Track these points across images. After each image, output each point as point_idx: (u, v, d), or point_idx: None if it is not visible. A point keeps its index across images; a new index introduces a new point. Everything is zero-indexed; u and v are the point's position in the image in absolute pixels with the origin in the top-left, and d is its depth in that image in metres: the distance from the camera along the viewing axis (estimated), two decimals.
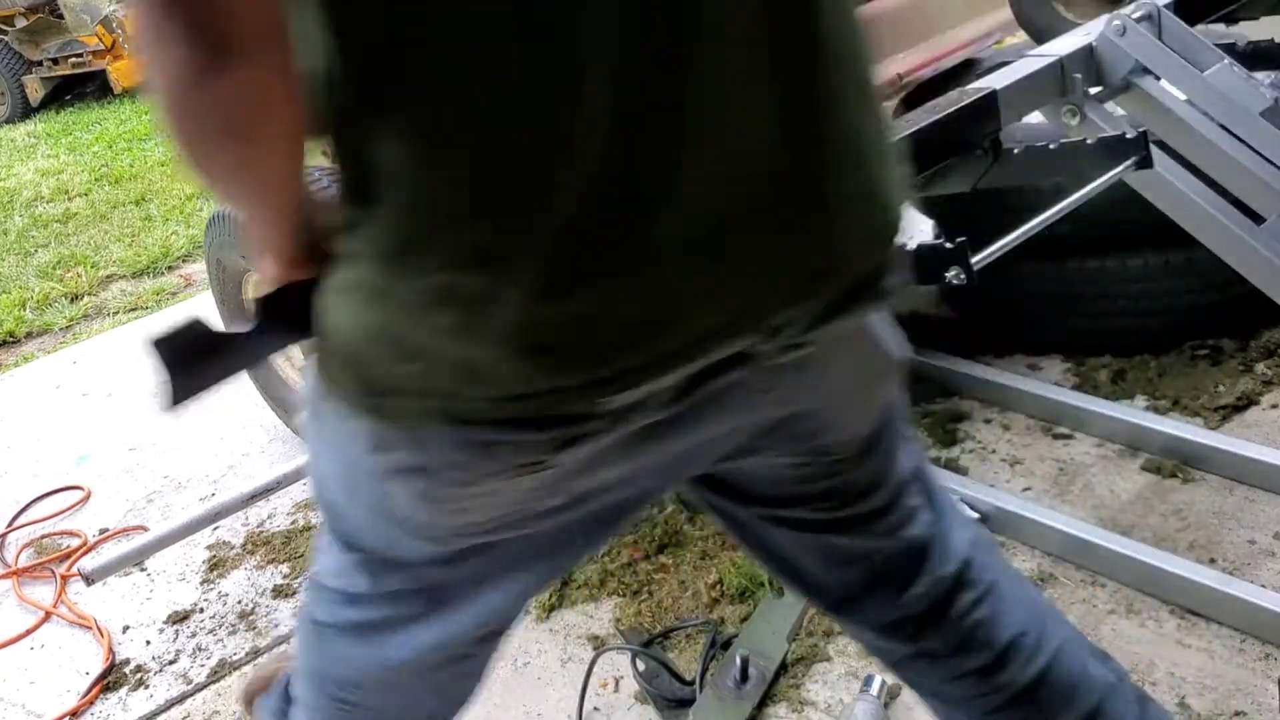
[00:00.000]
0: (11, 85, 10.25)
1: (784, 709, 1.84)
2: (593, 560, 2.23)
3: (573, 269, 0.75)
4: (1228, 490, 2.13)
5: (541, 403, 0.79)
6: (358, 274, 0.80)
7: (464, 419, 0.82)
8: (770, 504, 1.14)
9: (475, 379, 0.78)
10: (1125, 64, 1.79)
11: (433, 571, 1.01)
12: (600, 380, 0.79)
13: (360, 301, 0.80)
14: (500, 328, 0.75)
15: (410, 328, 0.78)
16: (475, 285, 0.75)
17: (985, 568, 1.19)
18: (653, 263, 0.76)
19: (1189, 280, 2.44)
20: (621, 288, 0.76)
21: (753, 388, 0.92)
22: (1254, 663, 1.75)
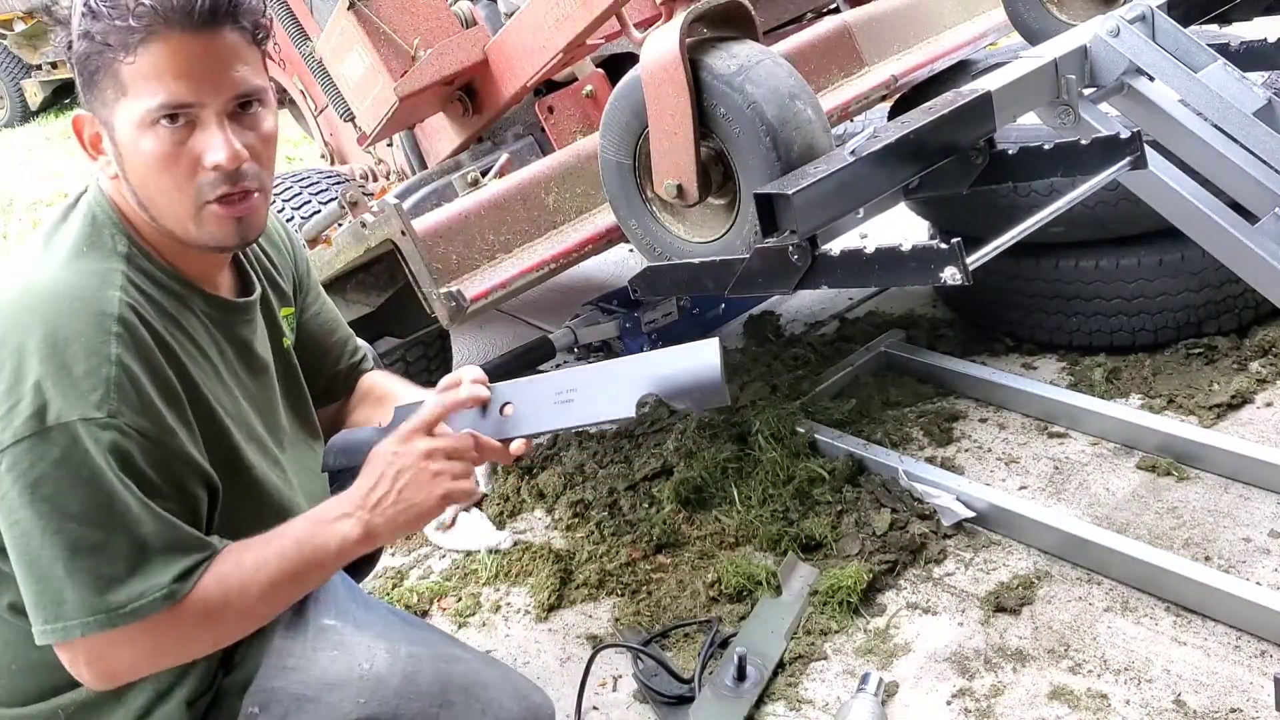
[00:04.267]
0: (10, 89, 10.25)
1: (782, 707, 1.84)
2: (591, 560, 2.24)
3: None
4: (1222, 488, 2.14)
5: None
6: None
7: None
8: None
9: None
10: (1119, 65, 1.79)
11: None
12: None
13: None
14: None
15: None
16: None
17: None
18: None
19: (1183, 279, 2.45)
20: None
21: None
22: (1250, 660, 1.75)
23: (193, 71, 1.16)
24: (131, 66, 1.15)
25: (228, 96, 1.19)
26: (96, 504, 1.11)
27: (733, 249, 1.73)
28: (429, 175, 2.69)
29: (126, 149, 1.19)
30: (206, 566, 1.17)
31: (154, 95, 1.15)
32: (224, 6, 1.17)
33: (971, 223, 2.50)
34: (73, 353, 1.12)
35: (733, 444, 2.45)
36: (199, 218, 1.22)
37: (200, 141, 1.19)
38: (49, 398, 1.10)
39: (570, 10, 2.08)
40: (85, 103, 1.22)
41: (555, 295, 3.46)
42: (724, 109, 1.65)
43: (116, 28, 1.13)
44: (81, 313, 1.14)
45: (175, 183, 1.20)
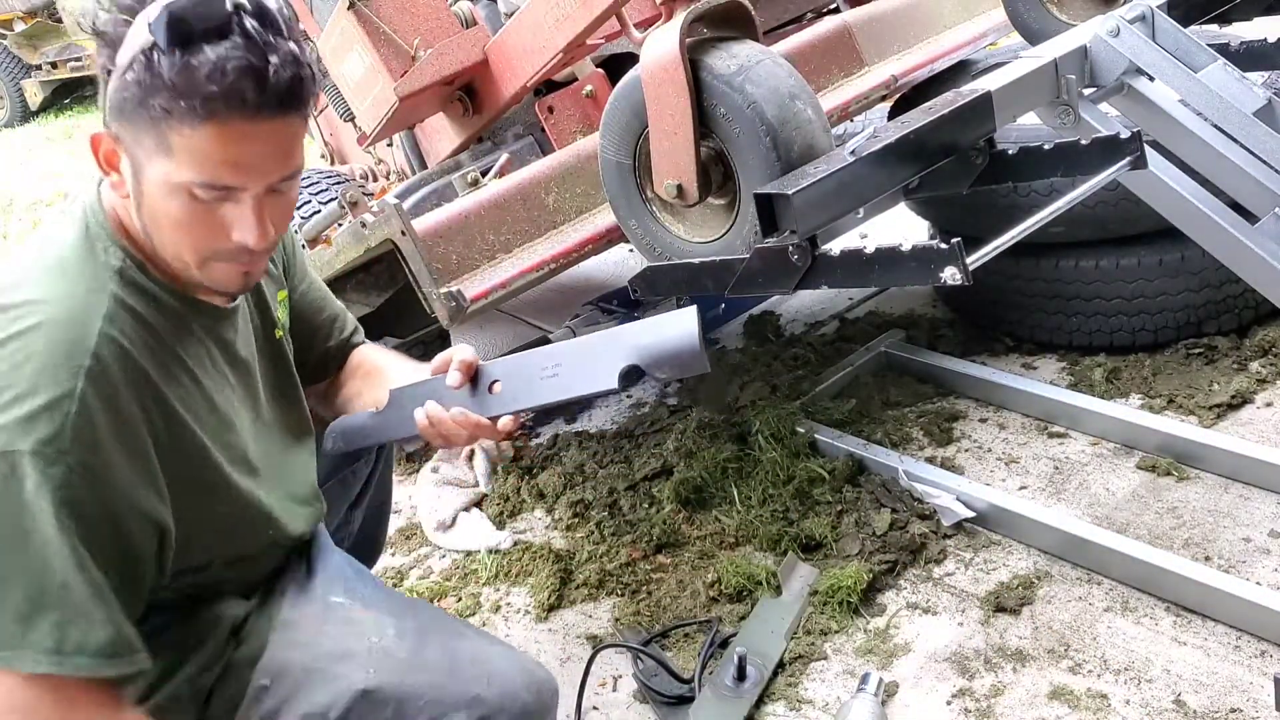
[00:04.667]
0: (10, 89, 10.26)
1: (782, 707, 1.84)
2: (591, 560, 2.24)
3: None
4: (1222, 488, 2.14)
5: None
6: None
7: None
8: None
9: None
10: (1119, 65, 1.79)
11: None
12: None
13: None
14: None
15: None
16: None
17: None
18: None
19: (1183, 279, 2.45)
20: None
21: None
22: (1250, 660, 1.75)
23: (245, 159, 1.14)
24: (183, 138, 1.11)
25: (273, 181, 1.18)
26: (10, 539, 1.08)
27: (733, 249, 1.73)
28: (429, 175, 2.69)
29: (150, 195, 1.17)
30: (120, 681, 1.13)
31: (199, 172, 1.13)
32: (292, 96, 1.14)
33: (971, 223, 2.50)
34: (41, 382, 1.10)
35: (733, 444, 2.45)
36: (206, 267, 1.22)
37: (232, 215, 1.17)
38: (3, 421, 1.08)
39: (570, 10, 2.09)
40: (110, 125, 1.16)
41: (555, 295, 3.46)
42: (724, 109, 1.65)
43: (180, 106, 1.09)
44: (60, 341, 1.13)
45: (193, 241, 1.19)
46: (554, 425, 2.87)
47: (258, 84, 1.09)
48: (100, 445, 1.12)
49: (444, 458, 2.71)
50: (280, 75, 1.10)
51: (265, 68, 1.09)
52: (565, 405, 2.40)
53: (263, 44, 1.10)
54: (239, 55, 1.08)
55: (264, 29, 1.11)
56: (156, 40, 1.08)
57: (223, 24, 1.09)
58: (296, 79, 1.13)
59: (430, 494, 2.55)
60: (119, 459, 1.14)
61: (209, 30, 1.09)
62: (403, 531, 2.54)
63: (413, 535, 2.53)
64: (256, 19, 1.11)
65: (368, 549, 1.89)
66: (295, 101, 1.14)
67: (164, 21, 1.08)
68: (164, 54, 1.08)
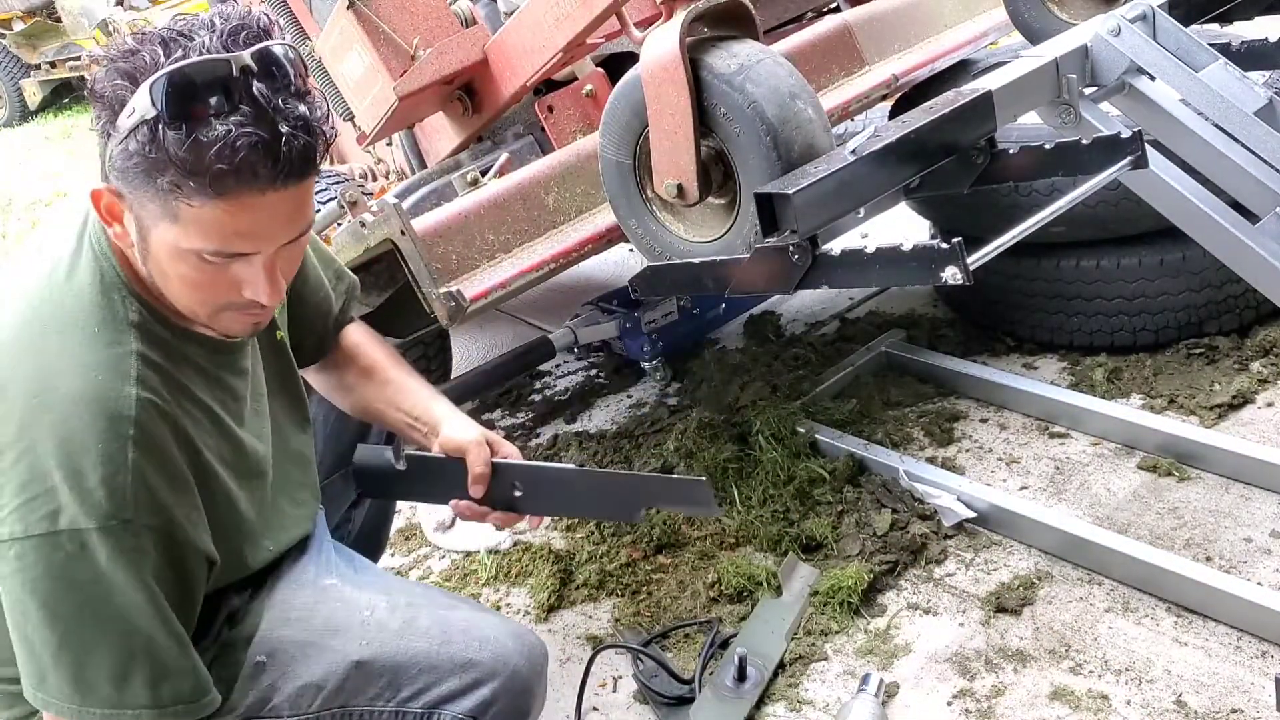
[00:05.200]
0: (9, 88, 10.24)
1: (782, 708, 1.84)
2: (591, 560, 2.24)
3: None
4: (1224, 488, 2.13)
5: None
6: None
7: None
8: None
9: None
10: (1120, 64, 1.78)
11: None
12: None
13: None
14: None
15: None
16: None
17: None
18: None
19: (1184, 279, 2.45)
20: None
21: None
22: (1251, 660, 1.75)
23: (256, 228, 1.12)
24: (191, 210, 1.07)
25: (286, 240, 1.16)
26: (94, 610, 1.11)
27: (733, 249, 1.73)
28: (428, 175, 2.68)
29: (157, 255, 1.14)
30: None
31: (208, 241, 1.10)
32: (304, 163, 1.10)
33: (972, 222, 2.50)
34: (90, 461, 1.10)
35: (733, 444, 2.44)
36: (216, 318, 1.21)
37: (244, 274, 1.15)
38: (63, 502, 1.09)
39: (570, 10, 2.08)
40: (112, 182, 1.12)
41: (555, 295, 3.46)
42: (724, 108, 1.64)
43: (188, 184, 1.05)
44: (99, 417, 1.12)
45: (203, 297, 1.18)
46: (554, 425, 2.87)
47: (270, 158, 1.06)
48: (160, 505, 1.14)
49: None
50: (292, 145, 1.07)
51: (277, 141, 1.05)
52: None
53: (272, 111, 1.05)
54: (249, 130, 1.04)
55: (273, 92, 1.06)
56: (160, 112, 1.04)
57: (230, 92, 1.04)
58: (308, 146, 1.09)
59: None
60: (178, 510, 1.17)
61: (216, 100, 1.04)
62: (402, 532, 2.54)
63: (412, 536, 2.53)
64: (264, 80, 1.06)
65: (370, 547, 1.89)
66: (308, 168, 1.11)
67: (167, 91, 1.03)
68: (169, 127, 1.04)
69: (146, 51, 1.06)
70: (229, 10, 1.11)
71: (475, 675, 1.36)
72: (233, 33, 1.08)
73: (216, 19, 1.09)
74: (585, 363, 3.16)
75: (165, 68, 1.04)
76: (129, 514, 1.11)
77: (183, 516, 1.18)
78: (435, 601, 1.45)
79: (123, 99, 1.06)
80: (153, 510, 1.14)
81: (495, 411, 3.02)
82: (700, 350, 3.04)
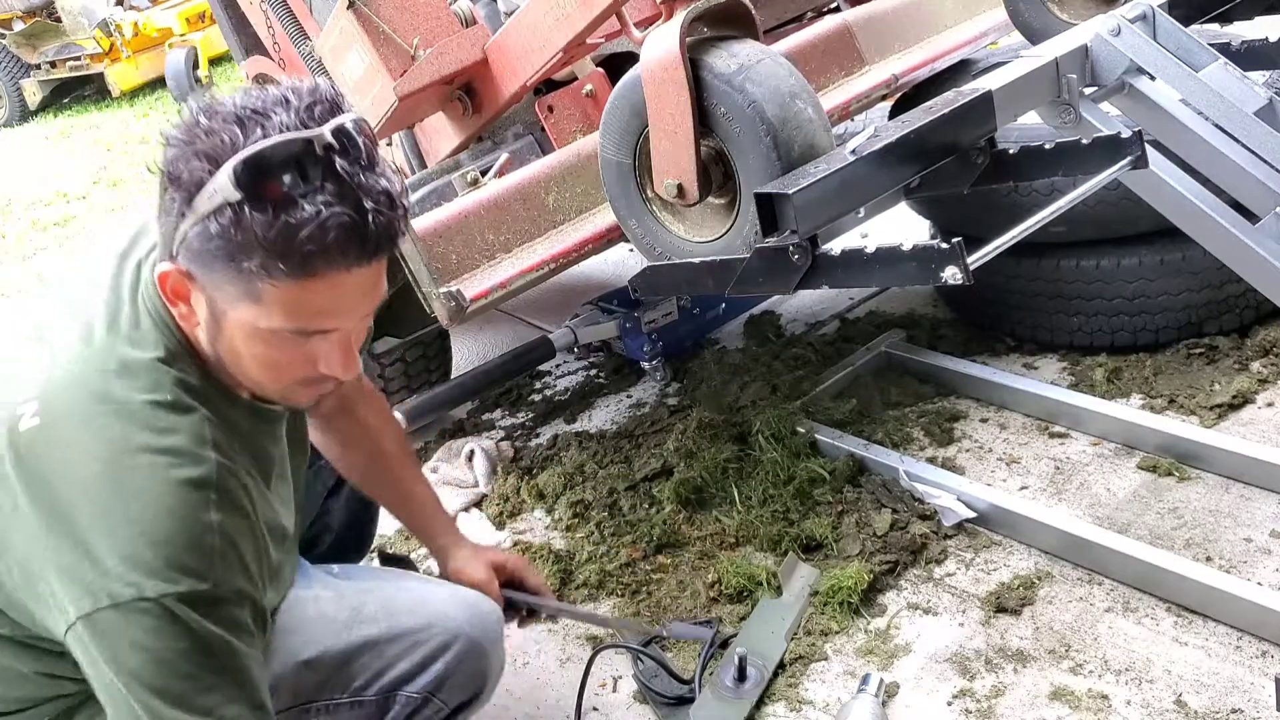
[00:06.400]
0: (9, 88, 10.24)
1: (782, 708, 1.84)
2: (591, 560, 2.24)
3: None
4: (1224, 488, 2.13)
5: None
6: None
7: None
8: None
9: None
10: (1120, 64, 1.79)
11: None
12: None
13: None
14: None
15: None
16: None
17: None
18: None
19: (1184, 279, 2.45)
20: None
21: None
22: (1251, 660, 1.75)
23: (340, 306, 1.11)
24: (276, 290, 1.06)
25: (365, 314, 1.16)
26: (207, 664, 1.11)
27: (733, 249, 1.73)
28: (428, 175, 2.68)
29: (231, 336, 1.14)
30: None
31: (290, 320, 1.10)
32: (389, 239, 1.09)
33: (972, 222, 2.50)
34: (174, 526, 1.10)
35: (733, 444, 2.44)
36: (286, 392, 1.21)
37: (320, 350, 1.15)
38: (153, 568, 1.09)
39: (570, 10, 2.08)
40: (181, 263, 1.10)
41: (555, 295, 3.45)
42: (724, 108, 1.64)
43: (277, 267, 1.04)
44: (183, 483, 1.12)
45: (277, 375, 1.18)
46: (554, 425, 2.87)
47: (358, 237, 1.05)
48: (245, 564, 1.16)
49: (443, 458, 2.71)
50: (378, 221, 1.06)
51: (364, 219, 1.04)
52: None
53: (357, 188, 1.04)
54: (338, 210, 1.03)
55: (354, 168, 1.05)
56: (245, 196, 1.02)
57: (313, 171, 1.03)
58: (393, 222, 1.08)
59: None
60: (254, 566, 1.18)
61: (300, 180, 1.03)
62: (402, 532, 2.54)
63: (411, 536, 2.52)
64: (345, 156, 1.04)
65: (355, 540, 1.88)
66: (393, 243, 1.10)
67: (251, 173, 1.01)
68: (255, 209, 1.02)
69: (224, 132, 1.04)
70: (297, 85, 1.08)
71: (426, 653, 1.38)
72: (308, 109, 1.06)
73: (289, 94, 1.07)
74: (585, 363, 3.16)
75: (246, 148, 1.02)
76: (219, 575, 1.11)
77: (258, 573, 1.19)
78: (385, 585, 1.47)
79: (200, 181, 1.04)
80: (240, 572, 1.15)
81: (495, 411, 3.02)
82: (700, 350, 3.04)
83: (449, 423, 2.96)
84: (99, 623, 1.08)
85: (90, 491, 1.10)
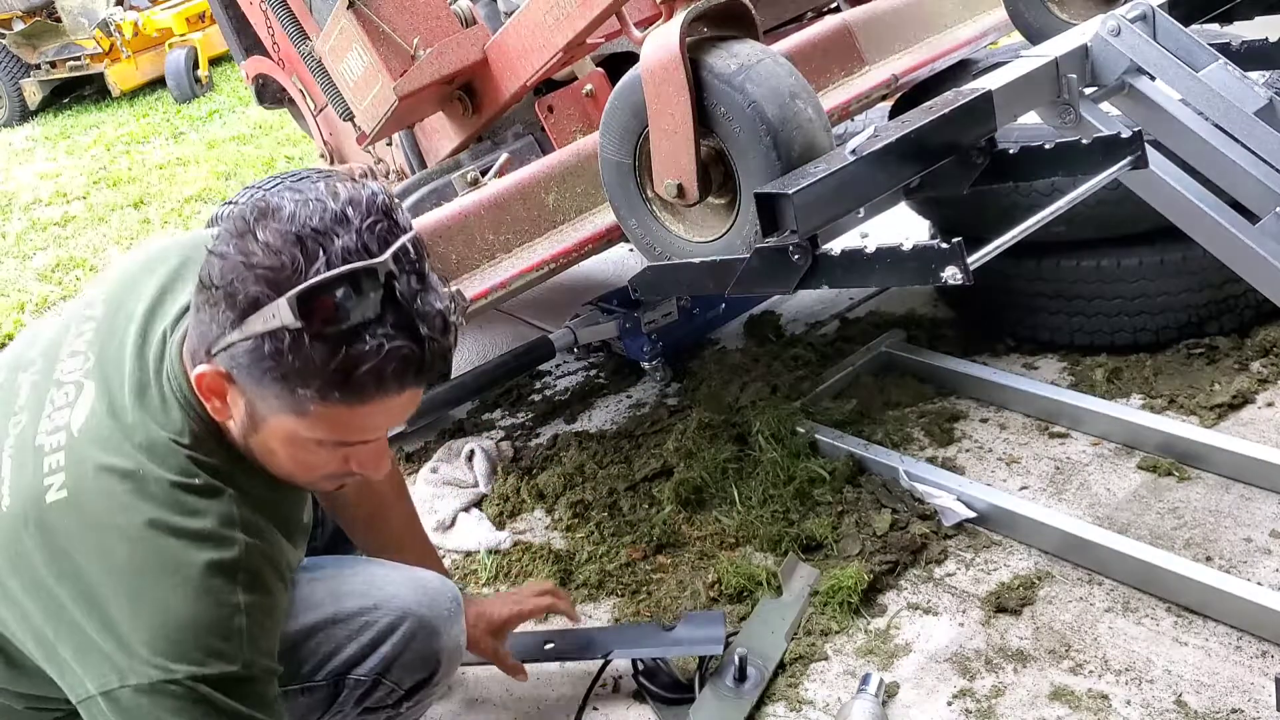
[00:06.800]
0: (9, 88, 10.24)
1: (782, 708, 1.84)
2: (591, 560, 2.24)
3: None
4: (1224, 488, 2.13)
5: None
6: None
7: None
8: None
9: None
10: (1120, 64, 1.78)
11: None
12: None
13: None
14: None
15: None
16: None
17: None
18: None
19: (1184, 279, 2.45)
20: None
21: None
22: (1251, 660, 1.75)
23: (386, 421, 1.13)
24: (325, 408, 1.07)
25: (399, 423, 1.18)
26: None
27: (733, 249, 1.73)
28: (428, 174, 2.68)
29: (266, 437, 1.14)
30: None
31: (333, 434, 1.11)
32: (446, 362, 1.11)
33: (972, 222, 2.50)
34: (202, 609, 1.11)
35: (733, 444, 2.44)
36: (310, 483, 1.24)
37: (354, 453, 1.17)
38: (181, 652, 1.10)
39: (570, 10, 2.08)
40: (221, 365, 1.09)
41: (555, 295, 3.45)
42: (724, 108, 1.64)
43: (333, 395, 1.05)
44: (211, 566, 1.13)
45: (309, 472, 1.20)
46: (554, 425, 2.87)
47: (415, 368, 1.06)
48: (271, 641, 1.18)
49: (443, 458, 2.71)
50: (434, 349, 1.07)
51: (421, 349, 1.05)
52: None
53: (416, 316, 1.04)
54: (397, 344, 1.03)
55: (413, 292, 1.04)
56: (305, 326, 1.00)
57: (376, 301, 1.02)
58: (447, 351, 1.09)
59: (429, 494, 2.55)
60: (275, 638, 1.20)
61: (363, 313, 1.02)
62: None
63: None
64: (405, 281, 1.04)
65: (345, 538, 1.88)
66: (445, 367, 1.12)
67: (315, 306, 1.00)
68: (316, 340, 1.01)
69: (285, 254, 1.02)
70: (355, 195, 1.06)
71: (372, 635, 1.38)
72: (369, 228, 1.04)
73: (349, 209, 1.05)
74: (585, 363, 3.16)
75: (309, 279, 1.01)
76: (248, 656, 1.13)
77: (276, 647, 1.20)
78: (336, 570, 1.47)
79: (257, 302, 1.02)
80: (267, 652, 1.17)
81: (495, 411, 3.02)
82: (700, 350, 3.04)
83: (449, 423, 2.96)
84: (121, 699, 1.09)
85: (117, 572, 1.11)
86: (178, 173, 6.66)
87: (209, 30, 9.23)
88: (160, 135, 8.05)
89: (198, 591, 1.11)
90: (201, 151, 7.15)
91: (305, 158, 6.22)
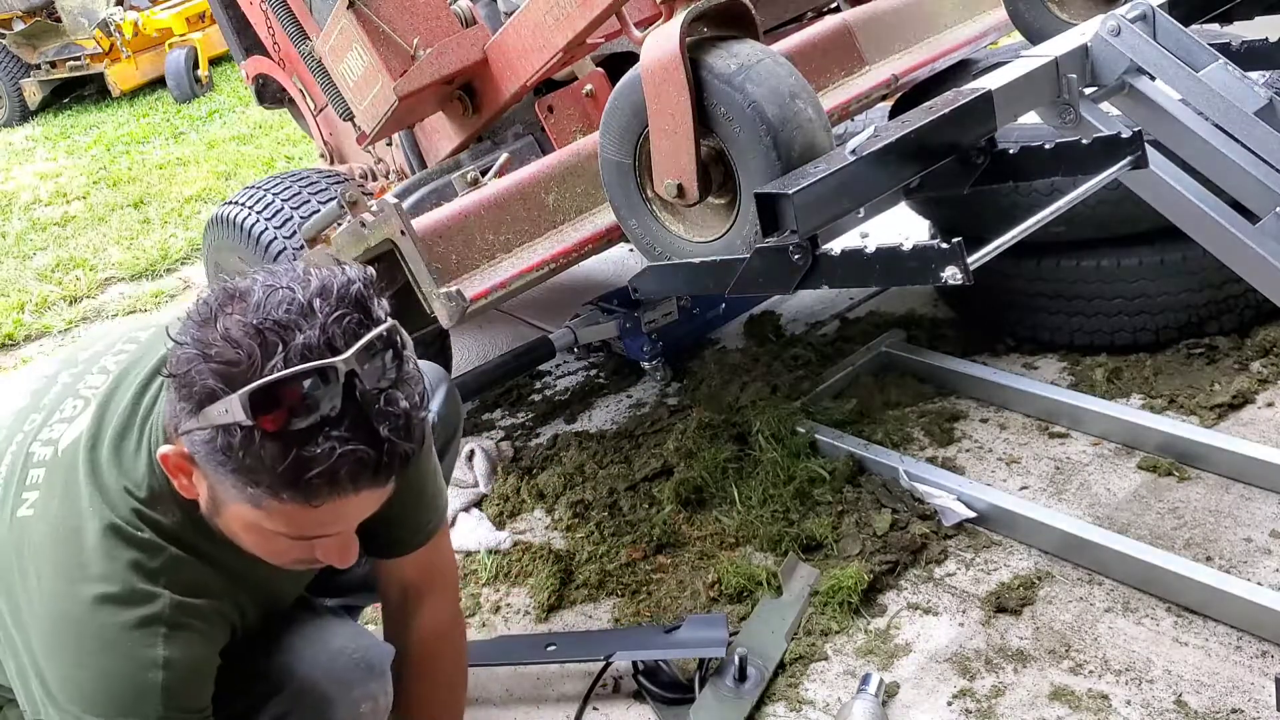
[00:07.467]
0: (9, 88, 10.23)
1: (782, 708, 1.84)
2: (591, 560, 2.24)
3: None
4: (1224, 488, 2.13)
5: None
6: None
7: None
8: None
9: None
10: (1120, 64, 1.78)
11: None
12: None
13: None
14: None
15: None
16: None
17: None
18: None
19: (1184, 279, 2.45)
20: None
21: None
22: (1251, 660, 1.75)
23: (345, 518, 1.10)
24: (279, 504, 1.03)
25: (368, 516, 1.13)
26: None
27: (733, 249, 1.73)
28: (428, 175, 2.68)
29: (228, 520, 1.12)
30: None
31: (291, 529, 1.08)
32: (406, 462, 1.05)
33: (972, 222, 2.50)
34: (114, 662, 1.12)
35: (733, 444, 2.44)
36: (280, 564, 1.20)
37: (321, 544, 1.14)
38: (94, 703, 1.11)
39: (570, 10, 2.08)
40: (183, 445, 1.06)
41: (555, 295, 3.45)
42: (724, 108, 1.64)
43: (284, 496, 1.01)
44: (131, 622, 1.12)
45: (273, 556, 1.17)
46: (554, 425, 2.87)
47: (370, 470, 1.02)
48: (196, 699, 1.17)
49: None
50: (392, 451, 1.02)
51: (378, 451, 1.01)
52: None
53: (375, 417, 1.00)
54: (351, 447, 0.99)
55: (375, 391, 1.00)
56: (257, 425, 0.97)
57: (332, 403, 0.98)
58: (407, 452, 1.04)
59: None
60: (206, 696, 1.19)
61: (317, 416, 0.98)
62: None
63: None
64: (368, 377, 0.99)
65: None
66: (405, 466, 1.05)
67: (268, 405, 0.97)
68: (267, 440, 0.98)
69: (243, 347, 0.98)
70: (327, 283, 1.02)
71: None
72: (336, 320, 1.00)
73: (317, 300, 1.00)
74: (585, 363, 3.16)
75: (264, 376, 0.97)
76: (158, 712, 1.12)
77: (210, 692, 1.19)
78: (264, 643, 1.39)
79: (212, 394, 0.99)
80: (192, 698, 1.16)
81: (495, 411, 3.02)
82: (700, 350, 3.04)
83: None
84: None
85: (42, 616, 1.14)
86: (178, 173, 6.65)
87: (209, 30, 9.22)
88: (160, 135, 8.04)
89: (109, 646, 1.11)
90: (201, 151, 7.15)
91: (305, 158, 6.21)
